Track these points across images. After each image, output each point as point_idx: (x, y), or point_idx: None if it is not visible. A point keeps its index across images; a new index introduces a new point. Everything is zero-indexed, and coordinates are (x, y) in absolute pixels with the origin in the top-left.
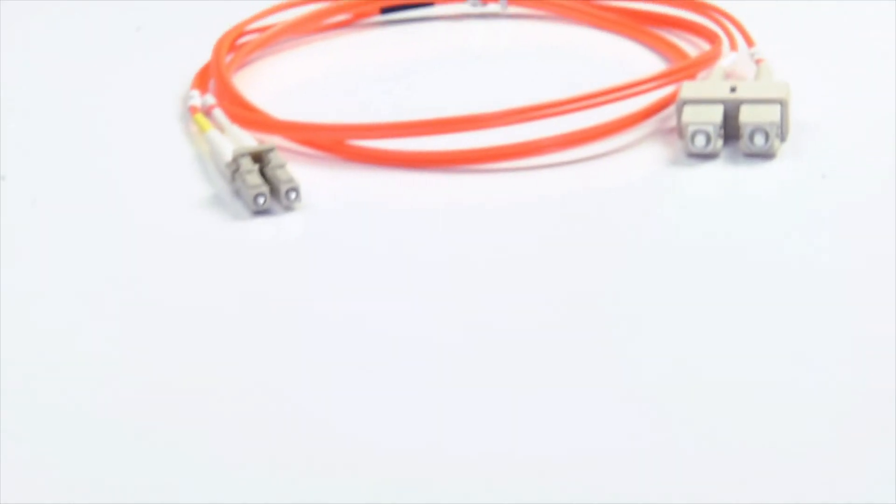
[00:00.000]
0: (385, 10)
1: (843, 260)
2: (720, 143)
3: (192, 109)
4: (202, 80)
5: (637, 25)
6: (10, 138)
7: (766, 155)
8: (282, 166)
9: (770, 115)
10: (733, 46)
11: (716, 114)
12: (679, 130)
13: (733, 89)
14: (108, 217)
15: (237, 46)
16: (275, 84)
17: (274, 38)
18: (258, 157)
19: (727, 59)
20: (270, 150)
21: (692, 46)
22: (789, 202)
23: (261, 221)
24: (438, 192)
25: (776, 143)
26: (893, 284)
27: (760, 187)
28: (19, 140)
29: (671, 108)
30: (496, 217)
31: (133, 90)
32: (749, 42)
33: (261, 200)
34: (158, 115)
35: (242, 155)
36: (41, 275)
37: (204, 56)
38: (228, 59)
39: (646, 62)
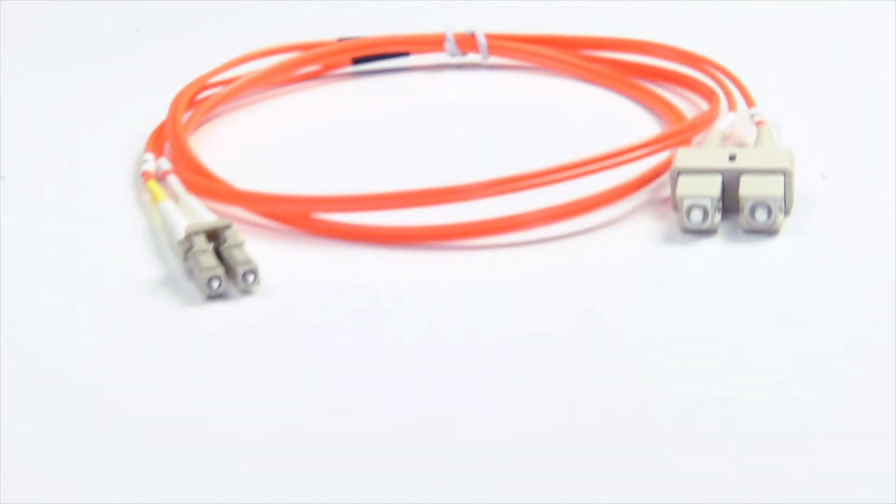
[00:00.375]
0: (357, 61)
1: (854, 350)
2: (718, 217)
3: (146, 175)
4: (158, 142)
5: (626, 79)
6: None
7: (768, 231)
8: (239, 245)
9: (772, 187)
10: (731, 106)
11: (713, 186)
12: (673, 202)
13: (732, 157)
14: (46, 298)
15: (197, 102)
16: (238, 142)
17: (238, 92)
18: (214, 235)
19: (725, 121)
20: (227, 226)
21: (686, 103)
22: (794, 284)
23: (215, 307)
24: (412, 272)
25: (779, 217)
26: None
27: (762, 267)
28: None
29: (665, 177)
30: (474, 299)
31: (85, 152)
32: (749, 102)
33: (215, 284)
34: (110, 179)
35: (196, 233)
36: None
37: (164, 112)
38: (187, 116)
39: (636, 119)
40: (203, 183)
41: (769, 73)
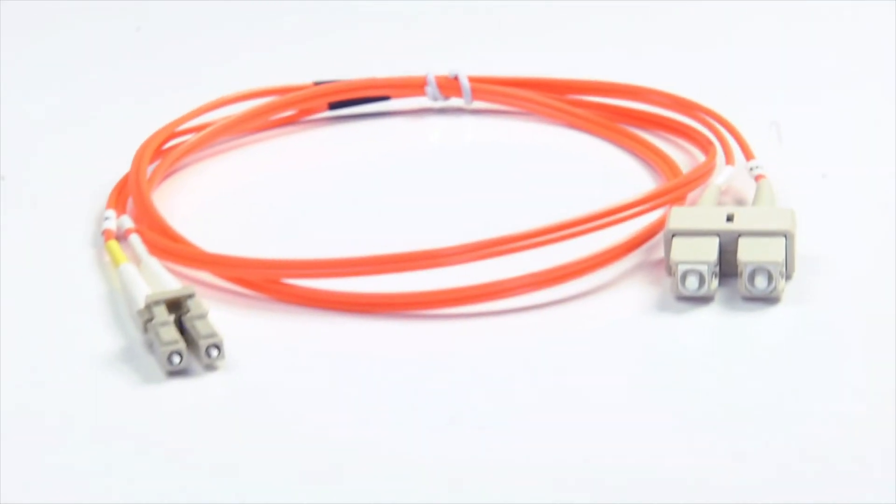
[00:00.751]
0: (333, 105)
1: (863, 430)
2: (715, 283)
3: (106, 234)
4: (121, 196)
5: (617, 126)
6: None
7: (769, 299)
8: (202, 317)
9: (773, 251)
10: (729, 158)
11: (710, 249)
12: (667, 266)
13: (730, 217)
14: None
15: (165, 151)
16: (207, 195)
17: (208, 140)
18: (175, 304)
19: (723, 176)
20: (189, 296)
21: (680, 152)
22: (797, 357)
23: (176, 384)
24: (389, 343)
25: (780, 283)
26: None
27: (762, 339)
28: None
29: (658, 237)
30: (455, 371)
31: (44, 206)
32: (747, 154)
33: (176, 360)
34: (70, 237)
35: (156, 302)
36: None
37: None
38: (153, 167)
39: (627, 170)
40: (167, 244)
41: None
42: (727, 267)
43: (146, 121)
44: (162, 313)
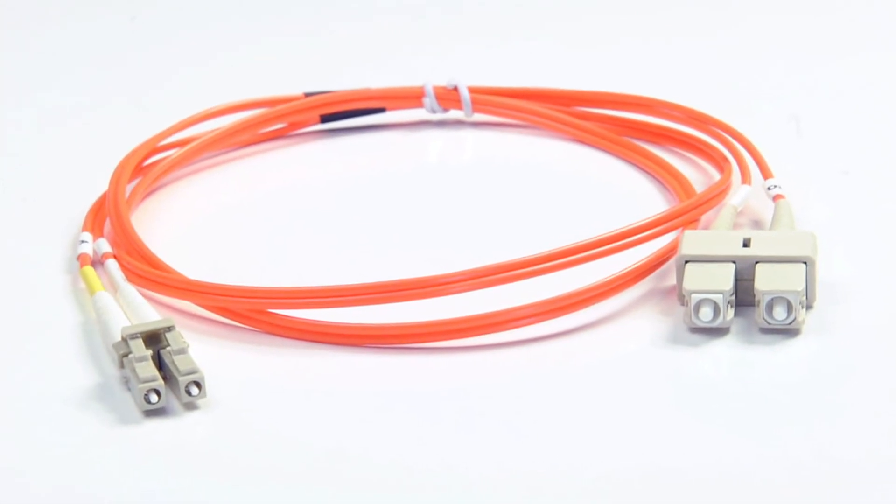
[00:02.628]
0: (325, 118)
1: (890, 472)
2: (731, 313)
3: (82, 259)
4: (97, 218)
5: (625, 140)
6: None
7: (788, 330)
8: (182, 351)
9: (793, 279)
10: (745, 177)
11: (725, 277)
12: (680, 295)
13: (747, 243)
14: None
15: (145, 168)
16: (190, 215)
17: (192, 156)
18: (154, 338)
19: (739, 196)
20: (168, 328)
21: (693, 169)
22: (818, 393)
23: (154, 424)
24: (385, 379)
25: (801, 314)
26: None
27: (781, 373)
28: None
29: (670, 262)
30: (458, 410)
31: (16, 228)
32: (765, 172)
33: (154, 398)
34: (41, 263)
35: (133, 336)
36: None
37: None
38: (133, 185)
39: (637, 188)
40: (146, 270)
41: (786, 140)
42: (744, 296)
43: (126, 135)
44: (139, 347)
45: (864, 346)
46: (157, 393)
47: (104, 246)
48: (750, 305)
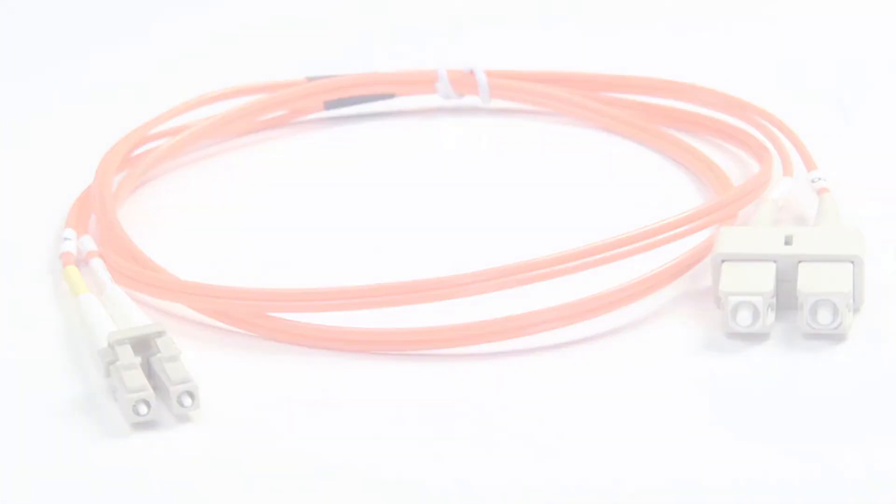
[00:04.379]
0: (330, 105)
1: None
2: (772, 316)
3: (65, 258)
4: (82, 214)
5: (655, 128)
6: None
7: (833, 335)
8: (174, 359)
9: (838, 280)
10: (787, 169)
11: (765, 278)
12: (716, 298)
13: (788, 240)
14: None
15: (134, 158)
16: (183, 210)
17: (184, 146)
18: (143, 344)
19: (780, 189)
20: (159, 334)
21: (730, 160)
22: (866, 403)
23: (143, 437)
24: (394, 388)
25: (847, 318)
26: None
27: (826, 381)
28: None
29: (705, 261)
30: (475, 423)
31: None
32: (808, 163)
33: (143, 410)
34: (21, 262)
35: (120, 342)
36: None
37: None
38: (121, 178)
39: (669, 180)
40: (134, 271)
41: (832, 128)
42: (785, 298)
43: (113, 123)
44: (127, 354)
45: None
46: (147, 404)
47: (89, 244)
48: (792, 308)
